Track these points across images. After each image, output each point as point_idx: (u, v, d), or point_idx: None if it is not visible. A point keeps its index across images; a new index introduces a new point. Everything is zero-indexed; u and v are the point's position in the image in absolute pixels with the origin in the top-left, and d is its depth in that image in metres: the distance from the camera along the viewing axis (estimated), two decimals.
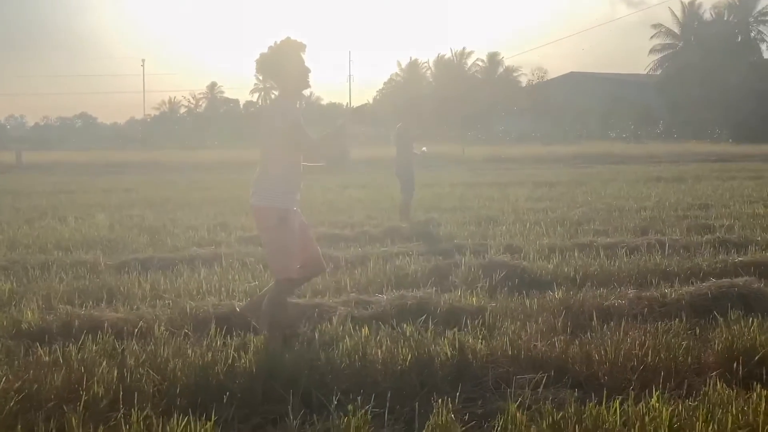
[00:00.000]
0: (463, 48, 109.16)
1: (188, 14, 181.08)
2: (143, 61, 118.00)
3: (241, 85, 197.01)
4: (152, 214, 15.84)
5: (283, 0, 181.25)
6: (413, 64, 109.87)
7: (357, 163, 8.92)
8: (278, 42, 6.04)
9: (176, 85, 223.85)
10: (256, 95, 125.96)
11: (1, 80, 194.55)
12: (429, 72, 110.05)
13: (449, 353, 5.64)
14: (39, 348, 5.83)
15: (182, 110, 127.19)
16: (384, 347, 5.71)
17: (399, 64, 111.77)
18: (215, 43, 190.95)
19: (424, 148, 15.17)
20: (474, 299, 7.37)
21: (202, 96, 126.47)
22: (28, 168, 40.75)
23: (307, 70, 6.10)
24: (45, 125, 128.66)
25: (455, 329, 6.20)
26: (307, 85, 6.16)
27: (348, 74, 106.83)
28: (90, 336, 6.02)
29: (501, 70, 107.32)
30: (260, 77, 6.26)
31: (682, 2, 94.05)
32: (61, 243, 11.62)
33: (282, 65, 6.03)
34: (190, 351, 5.66)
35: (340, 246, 11.28)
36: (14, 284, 8.39)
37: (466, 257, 9.48)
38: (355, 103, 7.17)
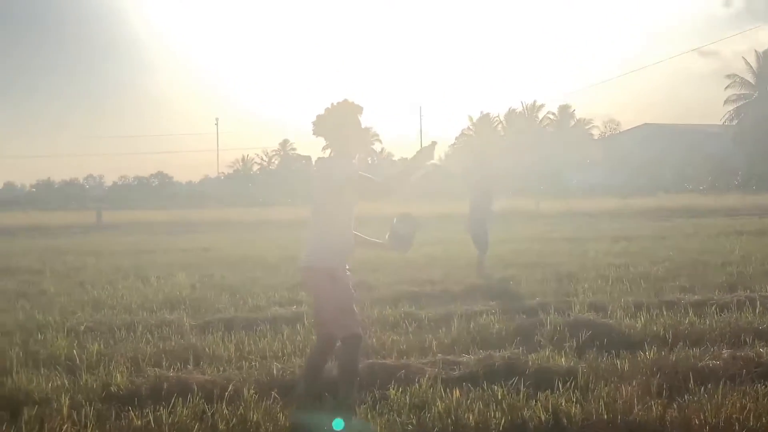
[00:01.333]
0: (534, 101, 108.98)
1: (260, 72, 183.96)
2: (217, 119, 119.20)
3: (313, 142, 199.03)
4: (231, 274, 15.94)
5: (354, 57, 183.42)
6: (484, 118, 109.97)
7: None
8: (335, 104, 6.04)
9: (249, 143, 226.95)
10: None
11: (80, 141, 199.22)
12: (500, 125, 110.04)
13: (543, 417, 5.53)
14: (131, 411, 5.85)
15: (255, 168, 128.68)
16: (476, 411, 5.62)
17: (470, 119, 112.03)
18: (288, 101, 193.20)
19: (493, 205, 15.07)
20: (563, 359, 7.23)
21: (274, 153, 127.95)
22: (107, 227, 41.52)
23: (365, 132, 6.08)
24: (123, 184, 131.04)
25: (547, 392, 6.08)
26: (364, 148, 6.10)
27: (419, 129, 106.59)
28: (179, 399, 6.03)
29: (573, 122, 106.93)
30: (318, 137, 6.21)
31: (756, 52, 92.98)
32: (145, 303, 11.75)
33: (338, 127, 6.01)
34: (280, 415, 5.63)
35: (422, 304, 11.21)
36: (101, 346, 8.47)
37: (550, 315, 9.35)
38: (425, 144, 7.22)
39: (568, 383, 6.43)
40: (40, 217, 50.68)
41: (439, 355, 7.72)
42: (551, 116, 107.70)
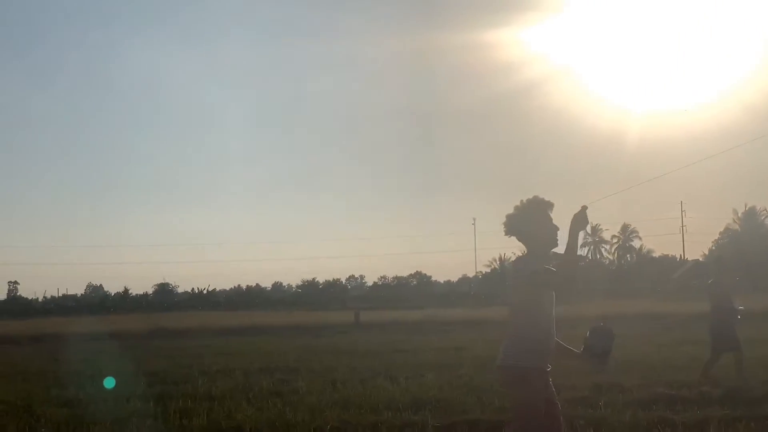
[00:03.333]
0: None
1: (512, 172, 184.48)
2: (474, 219, 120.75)
3: None
4: (481, 374, 15.76)
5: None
6: (750, 212, 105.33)
7: (618, 361, 8.54)
8: (524, 201, 5.92)
9: (507, 242, 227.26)
10: (585, 249, 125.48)
11: (341, 243, 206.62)
12: None
13: None
14: None
15: None
16: None
17: (735, 212, 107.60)
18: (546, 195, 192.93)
19: (741, 307, 14.17)
20: None
21: None
22: (365, 327, 42.38)
23: (555, 229, 5.90)
24: (382, 284, 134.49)
25: None
26: (555, 245, 5.90)
27: (681, 225, 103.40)
28: None
29: None
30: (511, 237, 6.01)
31: None
32: (391, 403, 11.75)
33: (528, 225, 5.88)
34: None
35: (677, 408, 10.60)
36: None
37: None
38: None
39: None
40: (303, 316, 52.63)
41: None
42: None
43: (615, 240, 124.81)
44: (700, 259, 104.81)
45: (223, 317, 55.17)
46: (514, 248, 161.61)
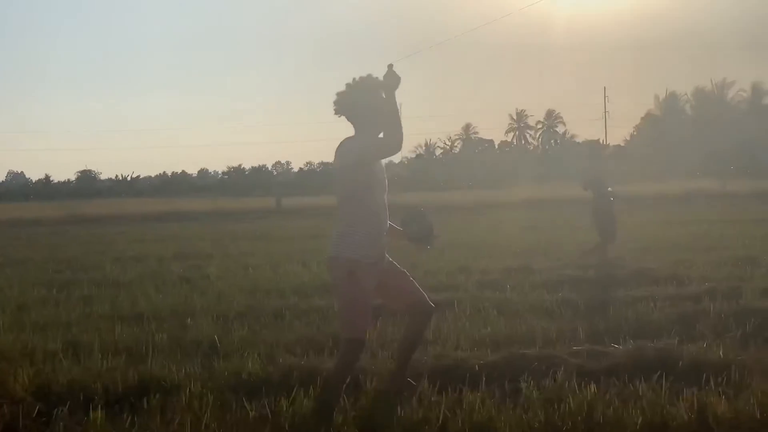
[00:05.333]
0: (724, 78, 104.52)
1: (443, 61, 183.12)
2: (401, 104, 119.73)
3: (495, 125, 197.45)
4: (397, 257, 15.74)
5: (526, 44, 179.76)
6: (671, 97, 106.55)
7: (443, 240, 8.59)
8: (356, 79, 5.58)
9: (432, 127, 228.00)
10: (510, 135, 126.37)
11: (271, 129, 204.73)
12: (688, 105, 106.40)
13: (686, 417, 5.02)
14: (246, 403, 5.66)
15: (438, 152, 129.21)
16: (611, 408, 5.17)
17: (657, 98, 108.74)
18: (469, 86, 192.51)
19: (609, 188, 14.29)
20: (720, 352, 6.63)
21: (457, 137, 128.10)
22: (286, 213, 42.31)
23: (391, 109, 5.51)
24: (308, 170, 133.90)
25: (694, 388, 5.56)
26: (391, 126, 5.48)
27: (603, 110, 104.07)
28: (303, 389, 5.82)
29: (767, 100, 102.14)
30: (340, 116, 5.68)
31: None
32: (299, 288, 11.65)
33: (359, 105, 5.58)
34: (400, 408, 5.35)
35: (583, 289, 10.69)
36: (246, 332, 8.40)
37: (716, 303, 8.70)
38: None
39: (721, 378, 5.86)
40: (226, 203, 52.39)
41: (586, 345, 7.23)
42: (743, 93, 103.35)
43: (539, 126, 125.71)
44: (622, 144, 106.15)
45: (145, 204, 54.62)
46: (440, 134, 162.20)
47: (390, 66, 5.45)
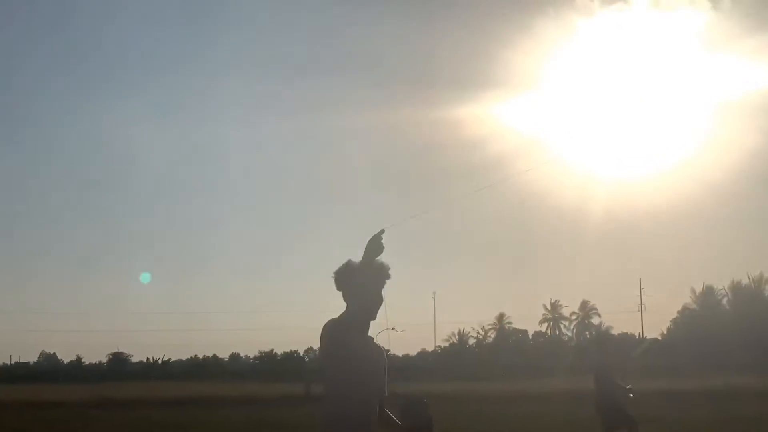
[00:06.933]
0: (760, 272, 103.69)
1: (475, 250, 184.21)
2: (434, 293, 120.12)
3: (529, 315, 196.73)
4: None
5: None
6: (708, 292, 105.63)
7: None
8: (362, 261, 5.38)
9: (465, 317, 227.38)
10: (545, 325, 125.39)
11: (304, 315, 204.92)
12: (726, 299, 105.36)
13: None
14: None
15: (471, 341, 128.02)
16: None
17: (693, 291, 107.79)
18: (500, 277, 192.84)
19: (629, 386, 13.62)
20: None
21: (490, 327, 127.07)
22: (316, 399, 41.48)
23: (380, 301, 5.42)
24: None
25: None
26: (374, 317, 5.42)
27: (639, 303, 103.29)
28: None
29: None
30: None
31: None
32: None
33: (357, 287, 5.39)
34: None
35: None
36: None
37: None
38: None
39: None
40: (256, 388, 51.79)
41: None
42: None
43: (574, 317, 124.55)
44: (659, 338, 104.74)
45: (172, 388, 54.07)
46: (473, 323, 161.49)
47: (381, 231, 5.30)
